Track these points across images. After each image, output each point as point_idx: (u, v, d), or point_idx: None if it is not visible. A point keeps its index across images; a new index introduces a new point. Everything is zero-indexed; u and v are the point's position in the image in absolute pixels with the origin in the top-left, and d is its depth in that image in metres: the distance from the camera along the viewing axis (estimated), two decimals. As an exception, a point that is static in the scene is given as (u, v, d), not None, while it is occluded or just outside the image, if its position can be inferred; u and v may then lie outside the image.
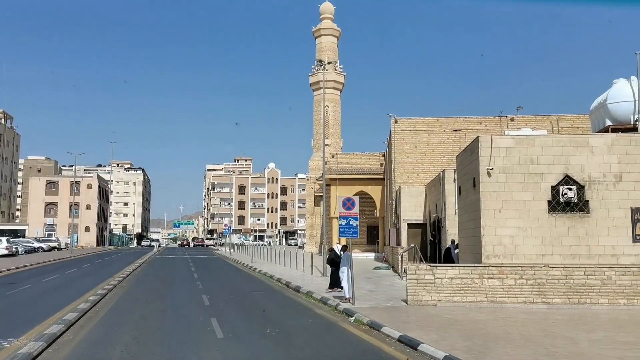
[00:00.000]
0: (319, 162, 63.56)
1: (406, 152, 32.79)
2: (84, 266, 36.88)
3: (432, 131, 32.71)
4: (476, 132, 32.00)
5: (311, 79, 65.79)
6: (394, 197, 32.77)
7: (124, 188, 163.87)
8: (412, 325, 12.20)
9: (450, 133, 32.57)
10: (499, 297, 15.00)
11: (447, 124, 32.70)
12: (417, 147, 32.74)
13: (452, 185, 22.99)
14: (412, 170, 32.63)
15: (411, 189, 29.65)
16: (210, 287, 22.04)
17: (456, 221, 22.29)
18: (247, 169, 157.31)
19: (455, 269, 15.31)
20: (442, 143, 32.55)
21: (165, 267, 37.14)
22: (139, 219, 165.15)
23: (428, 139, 32.70)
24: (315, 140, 64.78)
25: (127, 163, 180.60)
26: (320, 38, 66.17)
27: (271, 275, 26.73)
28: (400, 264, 25.39)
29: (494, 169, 15.82)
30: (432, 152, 32.60)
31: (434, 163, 32.44)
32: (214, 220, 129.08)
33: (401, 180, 32.60)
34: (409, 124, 32.99)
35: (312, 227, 62.24)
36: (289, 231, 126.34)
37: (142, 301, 17.77)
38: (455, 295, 15.14)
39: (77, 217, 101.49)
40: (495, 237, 15.71)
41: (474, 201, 16.60)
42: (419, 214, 29.31)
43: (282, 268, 31.71)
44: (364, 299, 16.58)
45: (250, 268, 33.26)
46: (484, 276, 15.10)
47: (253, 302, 17.59)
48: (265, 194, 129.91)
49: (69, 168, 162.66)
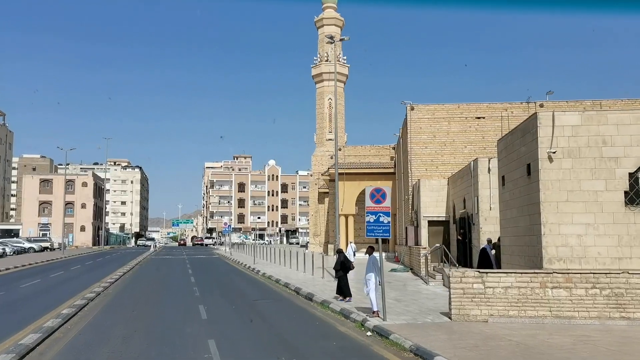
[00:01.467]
0: (322, 157, 60.66)
1: (424, 142, 29.83)
2: (73, 268, 33.95)
3: (452, 119, 29.76)
4: (501, 119, 29.12)
5: (313, 70, 62.81)
6: (411, 192, 29.84)
7: (121, 186, 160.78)
8: (472, 353, 9.26)
9: (472, 121, 29.63)
10: (566, 310, 12.07)
11: (469, 110, 29.74)
12: (436, 136, 29.79)
13: (486, 176, 20.04)
14: (431, 162, 29.68)
15: (431, 182, 26.70)
16: (209, 295, 19.09)
17: (492, 217, 19.39)
18: (247, 166, 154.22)
19: (510, 277, 12.36)
20: (464, 132, 29.61)
21: (161, 269, 34.19)
22: (137, 217, 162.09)
23: (448, 127, 29.75)
24: (318, 134, 61.85)
25: (125, 161, 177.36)
26: (323, 28, 63.17)
27: (277, 279, 23.80)
28: (424, 266, 22.45)
29: (557, 152, 12.86)
30: (453, 142, 29.65)
31: (455, 154, 29.51)
32: (213, 218, 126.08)
33: (418, 174, 29.66)
34: (426, 112, 30.04)
35: (316, 225, 59.30)
36: (290, 229, 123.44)
37: (126, 315, 14.81)
38: (511, 308, 12.20)
39: (72, 216, 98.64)
40: (559, 237, 12.77)
41: (528, 192, 13.65)
42: (441, 209, 26.37)
43: (288, 270, 28.80)
44: (394, 312, 13.64)
45: (252, 270, 30.34)
46: (546, 285, 12.17)
47: (260, 315, 14.66)
48: (266, 191, 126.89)
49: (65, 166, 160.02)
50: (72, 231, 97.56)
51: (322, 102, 62.31)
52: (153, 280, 26.21)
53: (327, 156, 59.47)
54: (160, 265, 38.14)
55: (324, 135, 61.49)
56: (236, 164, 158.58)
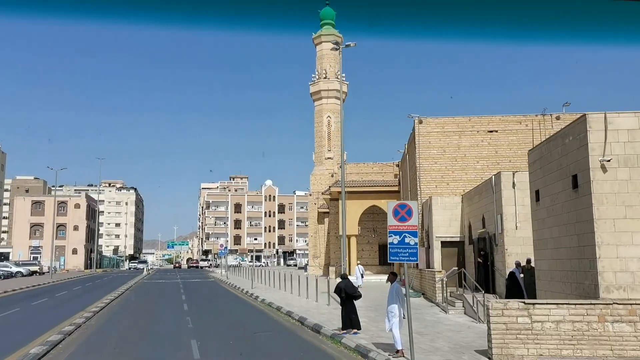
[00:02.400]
0: (321, 176, 58.75)
1: (433, 158, 27.98)
2: (58, 295, 31.71)
3: (463, 133, 27.96)
4: (516, 132, 27.37)
5: (312, 88, 61.17)
6: (420, 211, 27.86)
7: (116, 208, 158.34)
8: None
9: (484, 135, 27.82)
10: (630, 349, 10.07)
11: (481, 124, 27.96)
12: (446, 151, 27.96)
13: (510, 191, 18.13)
14: (441, 179, 27.79)
15: (444, 199, 24.76)
16: (203, 326, 16.98)
17: (519, 237, 17.43)
18: (243, 187, 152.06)
19: (562, 308, 10.37)
20: (476, 146, 27.78)
21: (152, 295, 31.98)
22: (132, 240, 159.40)
23: (459, 141, 27.93)
24: (317, 153, 60.03)
25: (119, 183, 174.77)
26: (321, 45, 61.68)
27: (278, 306, 21.70)
28: (440, 291, 20.40)
29: (611, 160, 10.97)
30: (464, 157, 27.80)
31: (467, 170, 27.64)
32: (209, 240, 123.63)
33: (428, 191, 27.75)
34: (436, 125, 28.24)
35: (316, 246, 57.19)
36: (288, 251, 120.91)
37: (106, 355, 12.71)
38: (564, 347, 10.20)
39: (64, 238, 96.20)
40: (617, 260, 10.81)
41: (575, 208, 11.73)
42: (455, 229, 24.40)
43: (289, 296, 26.68)
44: (420, 349, 11.59)
45: (251, 296, 28.18)
46: (606, 318, 10.19)
47: (261, 352, 12.60)
48: (263, 212, 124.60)
49: (59, 188, 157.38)
50: (64, 254, 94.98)
51: (320, 120, 60.65)
52: (142, 308, 24.04)
53: (326, 175, 57.60)
54: (151, 290, 35.90)
55: (322, 153, 59.70)
56: (232, 184, 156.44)
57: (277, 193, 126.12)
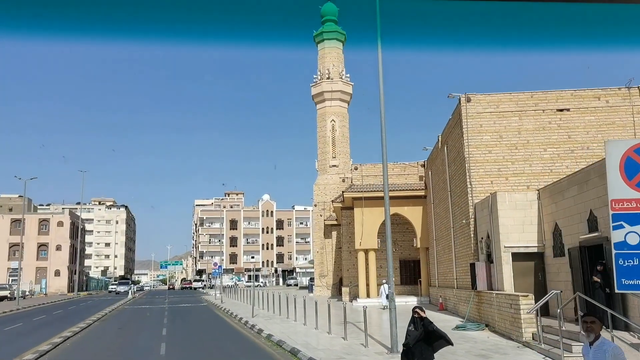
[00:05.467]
0: (326, 185, 52.35)
1: (486, 146, 21.68)
2: (7, 329, 25.04)
3: (524, 113, 21.70)
4: (593, 111, 21.11)
5: (313, 90, 55.17)
6: (472, 215, 21.48)
7: (106, 227, 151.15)
8: None
9: (552, 115, 21.57)
10: None
11: (547, 101, 21.71)
12: (503, 137, 21.68)
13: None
14: (498, 173, 21.46)
15: (514, 196, 18.32)
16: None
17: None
18: (239, 203, 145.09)
19: None
20: (542, 130, 21.51)
21: (127, 327, 25.31)
22: (122, 260, 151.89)
23: (519, 124, 21.67)
24: (321, 160, 53.82)
25: (110, 201, 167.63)
26: (323, 43, 55.92)
27: (292, 347, 15.19)
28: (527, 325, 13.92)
29: None
30: (527, 144, 21.51)
31: (531, 160, 21.34)
32: (203, 259, 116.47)
33: (481, 188, 21.41)
34: (488, 103, 21.99)
35: (322, 264, 50.54)
36: (287, 269, 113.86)
37: None
38: None
39: (46, 259, 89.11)
40: None
41: None
42: (531, 236, 17.96)
43: (302, 328, 20.14)
44: None
45: (252, 328, 21.60)
46: None
47: None
48: (260, 228, 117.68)
49: (46, 207, 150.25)
50: (46, 276, 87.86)
51: (324, 125, 54.56)
52: (105, 351, 17.41)
53: (331, 184, 51.39)
54: (129, 320, 29.19)
55: (327, 161, 53.51)
56: (227, 200, 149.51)
57: (275, 208, 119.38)
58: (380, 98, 15.34)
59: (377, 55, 15.00)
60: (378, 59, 15.13)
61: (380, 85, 15.47)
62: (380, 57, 15.12)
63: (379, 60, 15.19)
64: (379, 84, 15.41)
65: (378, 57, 15.10)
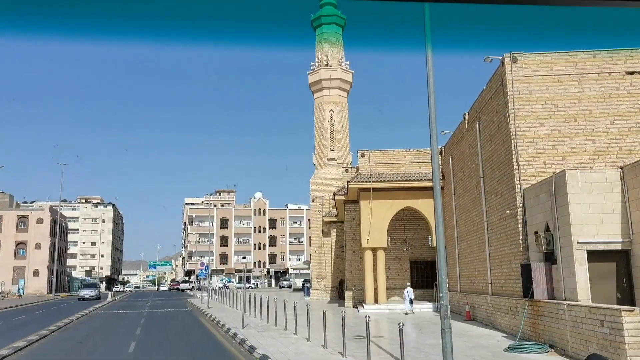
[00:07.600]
0: (323, 180, 47.87)
1: (538, 117, 17.32)
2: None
3: (585, 77, 17.35)
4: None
5: (310, 77, 50.78)
6: (520, 203, 17.09)
7: (92, 226, 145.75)
8: None
9: (620, 79, 17.24)
10: None
11: (614, 62, 17.37)
12: (559, 106, 17.32)
13: None
14: (553, 151, 17.10)
15: (591, 176, 13.94)
16: None
17: None
18: (230, 201, 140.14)
19: None
20: (607, 97, 17.18)
21: (88, 341, 20.70)
22: (109, 260, 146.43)
23: (579, 90, 17.32)
24: (318, 153, 49.39)
25: (97, 199, 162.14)
26: (322, 27, 51.54)
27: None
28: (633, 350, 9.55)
29: None
30: (589, 115, 17.16)
31: (595, 135, 16.99)
32: (192, 259, 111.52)
33: (531, 170, 17.05)
34: (539, 65, 17.63)
35: (320, 264, 46.04)
36: (280, 270, 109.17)
37: None
38: None
39: (24, 258, 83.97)
40: None
41: None
42: (612, 229, 13.58)
43: (306, 345, 15.67)
44: None
45: (242, 345, 17.10)
46: None
47: None
48: (252, 227, 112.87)
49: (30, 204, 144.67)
50: (24, 276, 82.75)
51: (321, 115, 50.13)
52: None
53: (329, 178, 47.02)
54: (95, 330, 24.57)
55: (324, 154, 49.09)
56: (219, 199, 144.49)
57: (267, 206, 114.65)
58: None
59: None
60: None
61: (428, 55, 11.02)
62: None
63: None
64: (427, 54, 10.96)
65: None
